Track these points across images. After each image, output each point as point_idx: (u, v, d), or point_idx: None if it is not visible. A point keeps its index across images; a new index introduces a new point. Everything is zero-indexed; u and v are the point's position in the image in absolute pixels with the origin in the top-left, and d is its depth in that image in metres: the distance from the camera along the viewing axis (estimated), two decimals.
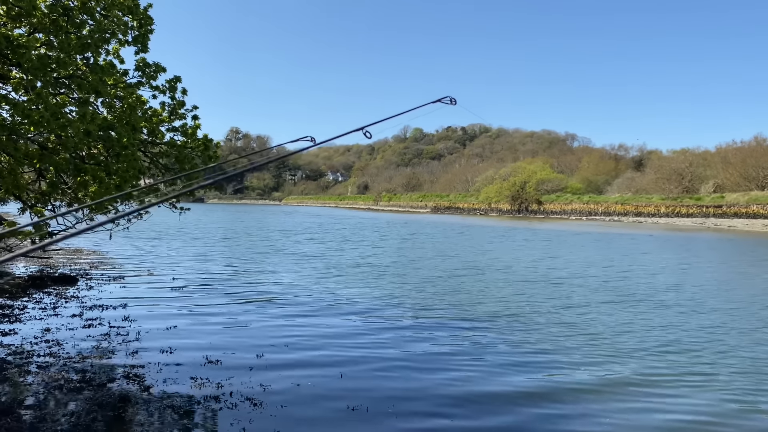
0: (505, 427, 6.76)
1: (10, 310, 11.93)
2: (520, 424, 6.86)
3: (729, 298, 15.84)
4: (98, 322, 11.16)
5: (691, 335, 11.32)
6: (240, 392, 7.43)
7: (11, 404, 6.73)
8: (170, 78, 12.11)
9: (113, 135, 10.45)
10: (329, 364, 8.93)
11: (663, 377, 8.63)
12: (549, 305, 14.23)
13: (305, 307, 13.38)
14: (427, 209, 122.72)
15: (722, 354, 9.98)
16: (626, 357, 9.70)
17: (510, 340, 10.66)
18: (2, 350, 8.94)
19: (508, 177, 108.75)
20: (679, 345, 10.51)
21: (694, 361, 9.54)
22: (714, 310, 13.85)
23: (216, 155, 13.22)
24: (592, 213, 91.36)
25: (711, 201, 78.28)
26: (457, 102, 4.31)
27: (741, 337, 11.25)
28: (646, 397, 7.75)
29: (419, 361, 9.27)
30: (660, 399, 7.71)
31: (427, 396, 7.64)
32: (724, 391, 8.06)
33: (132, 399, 7.10)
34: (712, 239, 44.56)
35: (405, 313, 13.02)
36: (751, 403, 7.62)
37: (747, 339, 11.07)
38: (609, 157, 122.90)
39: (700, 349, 10.22)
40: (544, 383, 8.31)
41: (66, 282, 15.85)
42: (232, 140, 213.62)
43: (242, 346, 9.82)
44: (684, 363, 9.38)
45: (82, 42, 9.89)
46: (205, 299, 14.18)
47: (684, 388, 8.19)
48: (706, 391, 8.05)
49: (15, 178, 9.83)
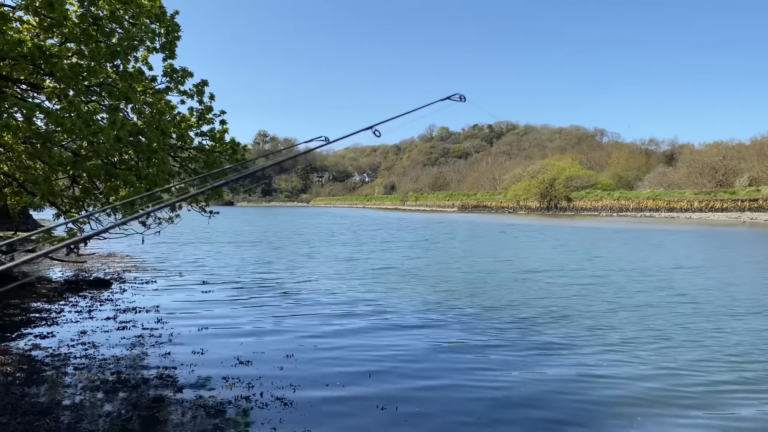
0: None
1: (48, 313, 12.23)
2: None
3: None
4: (132, 324, 11.37)
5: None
6: (270, 392, 7.50)
7: (50, 405, 6.90)
8: (197, 82, 12.29)
9: (143, 140, 10.65)
10: (358, 364, 8.96)
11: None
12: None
13: (336, 309, 13.43)
14: (455, 208, 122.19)
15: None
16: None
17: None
18: (40, 352, 9.17)
19: (537, 174, 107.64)
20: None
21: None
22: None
23: (244, 159, 13.38)
24: (622, 209, 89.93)
25: (746, 195, 76.42)
26: (466, 99, 4.28)
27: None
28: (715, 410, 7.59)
29: (447, 362, 9.24)
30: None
31: (456, 399, 7.61)
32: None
33: (166, 399, 7.22)
34: (761, 234, 43.48)
35: (445, 317, 12.94)
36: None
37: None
38: (639, 152, 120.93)
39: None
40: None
41: (100, 286, 16.19)
42: (260, 143, 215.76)
43: (272, 346, 9.90)
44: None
45: (112, 50, 10.12)
46: (236, 301, 14.34)
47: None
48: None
49: (50, 185, 10.09)
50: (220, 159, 12.94)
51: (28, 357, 8.91)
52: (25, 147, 10.94)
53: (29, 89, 10.82)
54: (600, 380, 8.26)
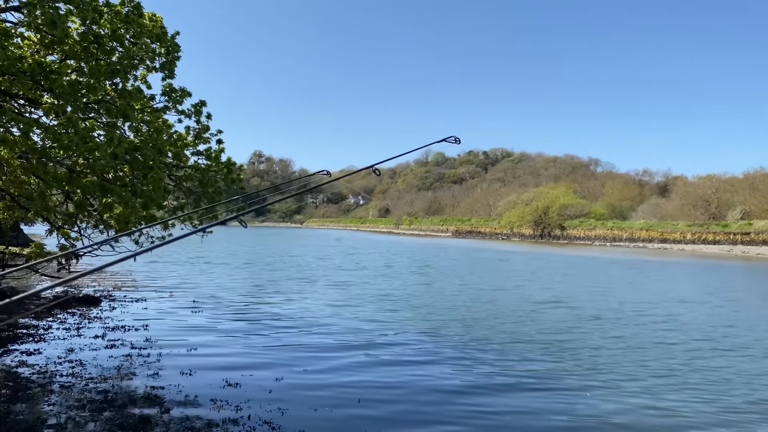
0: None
1: (35, 330, 12.12)
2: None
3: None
4: (120, 342, 11.27)
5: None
6: (258, 416, 7.43)
7: (35, 423, 6.81)
8: (195, 102, 12.37)
9: (139, 157, 10.66)
10: (348, 388, 8.89)
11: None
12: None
13: (327, 334, 13.35)
14: (449, 233, 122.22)
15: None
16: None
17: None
18: (27, 369, 9.07)
19: (531, 202, 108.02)
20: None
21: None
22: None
23: (239, 178, 13.40)
24: (616, 239, 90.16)
25: (738, 228, 76.79)
26: (461, 141, 4.47)
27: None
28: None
29: (441, 383, 9.18)
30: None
31: (449, 425, 7.55)
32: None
33: (152, 420, 7.13)
34: (749, 268, 43.64)
35: (442, 346, 12.89)
36: None
37: None
38: (633, 182, 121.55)
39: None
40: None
41: (90, 303, 16.06)
42: (255, 163, 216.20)
43: (261, 368, 9.83)
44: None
45: (112, 68, 10.18)
46: (226, 322, 14.24)
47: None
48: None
49: (44, 201, 10.06)
50: (215, 178, 12.96)
51: (14, 374, 8.81)
52: (20, 162, 10.94)
53: (27, 104, 10.85)
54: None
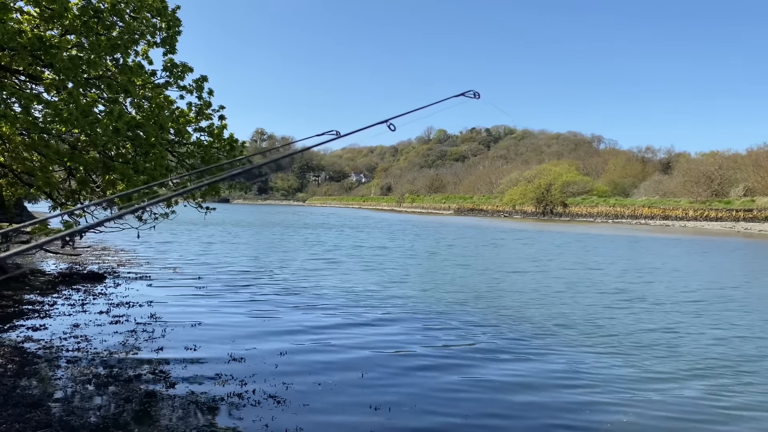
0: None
1: (41, 306, 12.18)
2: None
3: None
4: (125, 318, 11.33)
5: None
6: (263, 390, 7.48)
7: (41, 397, 6.87)
8: (197, 78, 12.25)
9: (141, 134, 10.61)
10: (352, 364, 8.94)
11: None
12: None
13: (331, 309, 13.41)
14: (450, 211, 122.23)
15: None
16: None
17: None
18: (33, 345, 9.13)
19: (533, 179, 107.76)
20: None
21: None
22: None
23: (242, 155, 13.34)
24: (618, 216, 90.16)
25: (741, 205, 76.73)
26: (480, 96, 4.24)
27: None
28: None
29: (443, 361, 9.23)
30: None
31: (453, 399, 7.60)
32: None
33: (157, 395, 7.19)
34: (751, 244, 43.64)
35: (449, 321, 12.95)
36: None
37: None
38: (636, 159, 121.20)
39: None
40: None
41: (94, 279, 16.13)
42: (257, 141, 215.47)
43: (266, 344, 9.88)
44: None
45: (112, 43, 10.08)
46: (230, 297, 14.31)
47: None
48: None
49: (46, 176, 10.05)
50: (218, 155, 12.90)
51: (21, 349, 8.87)
52: (22, 138, 10.90)
53: (28, 80, 10.77)
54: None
